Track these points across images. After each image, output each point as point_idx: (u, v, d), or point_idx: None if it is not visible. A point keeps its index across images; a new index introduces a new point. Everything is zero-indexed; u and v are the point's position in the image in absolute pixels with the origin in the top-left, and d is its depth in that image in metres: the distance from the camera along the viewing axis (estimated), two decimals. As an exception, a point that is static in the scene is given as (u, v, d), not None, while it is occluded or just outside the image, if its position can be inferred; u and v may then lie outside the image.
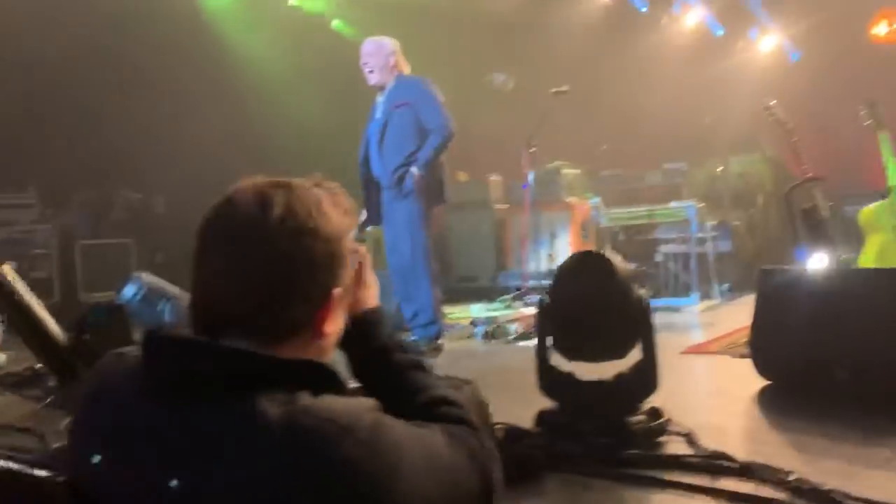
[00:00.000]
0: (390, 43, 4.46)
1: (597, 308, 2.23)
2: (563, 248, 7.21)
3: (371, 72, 4.41)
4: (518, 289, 6.97)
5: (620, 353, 2.37)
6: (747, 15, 10.04)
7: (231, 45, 7.79)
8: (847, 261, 4.11)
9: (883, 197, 4.38)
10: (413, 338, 4.51)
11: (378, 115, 4.49)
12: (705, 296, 6.37)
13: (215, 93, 7.64)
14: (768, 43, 10.00)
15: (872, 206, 4.40)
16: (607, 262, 2.20)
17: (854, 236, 4.27)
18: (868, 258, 4.24)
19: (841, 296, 2.79)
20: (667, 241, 6.80)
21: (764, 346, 3.06)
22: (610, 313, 2.24)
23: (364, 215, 4.63)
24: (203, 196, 1.05)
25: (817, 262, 3.53)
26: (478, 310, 6.41)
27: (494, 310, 6.48)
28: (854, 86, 8.01)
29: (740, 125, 8.95)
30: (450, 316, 6.02)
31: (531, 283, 6.88)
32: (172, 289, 3.91)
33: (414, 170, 4.31)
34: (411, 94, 4.37)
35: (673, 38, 10.18)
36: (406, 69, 4.51)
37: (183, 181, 7.22)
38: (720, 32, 10.34)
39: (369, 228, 4.90)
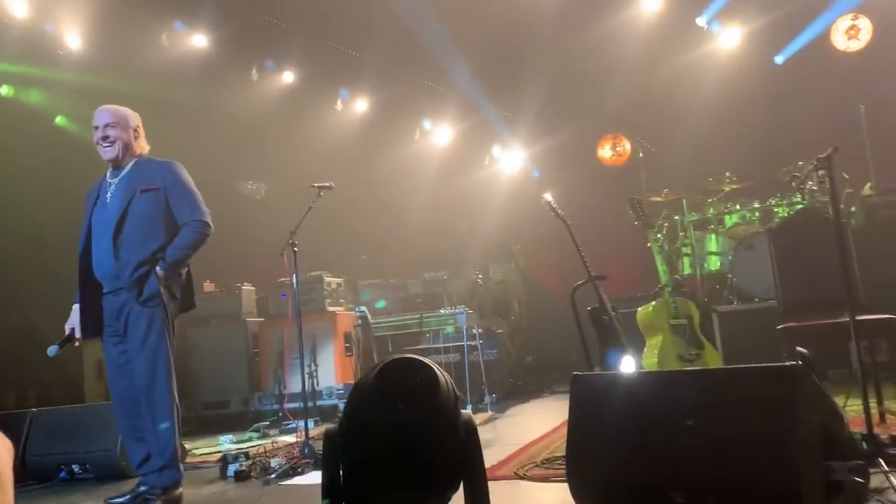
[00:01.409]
0: (134, 116, 3.67)
1: (412, 440, 1.58)
2: (327, 362, 6.51)
3: (111, 144, 3.55)
4: (277, 413, 6.07)
5: (440, 501, 1.73)
6: (493, 133, 10.62)
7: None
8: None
9: (657, 296, 4.37)
10: (142, 488, 3.47)
11: (109, 199, 3.58)
12: (476, 408, 6.00)
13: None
14: (513, 160, 10.58)
15: (649, 305, 4.34)
16: (428, 374, 1.59)
17: (635, 336, 4.15)
18: (650, 358, 4.12)
19: (670, 404, 2.42)
20: (437, 351, 6.40)
21: (582, 468, 2.60)
22: (430, 447, 1.61)
23: (75, 324, 3.59)
24: None
25: (628, 364, 3.25)
26: (228, 442, 5.39)
27: (247, 440, 5.51)
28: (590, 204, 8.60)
29: (493, 235, 9.24)
30: (193, 453, 4.96)
31: (292, 405, 6.03)
32: None
33: (159, 269, 3.43)
34: (161, 180, 3.56)
35: (425, 153, 10.42)
36: (146, 149, 3.72)
37: None
38: (467, 149, 10.78)
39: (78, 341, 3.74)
